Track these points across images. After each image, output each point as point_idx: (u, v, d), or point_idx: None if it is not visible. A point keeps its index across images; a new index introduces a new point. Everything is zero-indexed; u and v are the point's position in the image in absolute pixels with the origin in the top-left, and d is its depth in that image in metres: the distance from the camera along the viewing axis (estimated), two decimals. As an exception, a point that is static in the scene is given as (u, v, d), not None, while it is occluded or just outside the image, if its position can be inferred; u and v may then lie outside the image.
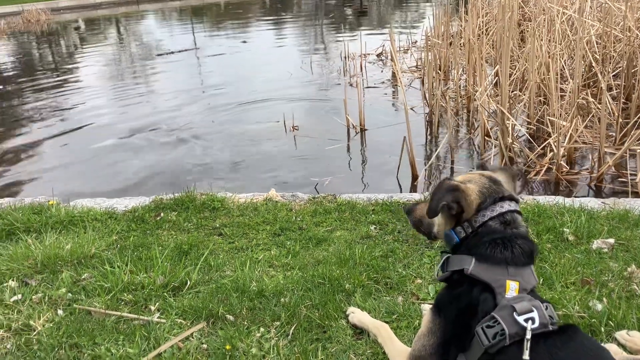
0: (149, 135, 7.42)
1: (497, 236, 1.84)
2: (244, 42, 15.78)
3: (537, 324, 1.66)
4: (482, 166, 2.08)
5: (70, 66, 14.31)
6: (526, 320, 1.66)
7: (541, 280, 2.75)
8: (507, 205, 1.88)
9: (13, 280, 3.03)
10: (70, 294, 2.88)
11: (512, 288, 1.76)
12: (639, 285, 2.69)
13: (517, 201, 1.91)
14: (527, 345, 1.62)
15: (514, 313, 1.68)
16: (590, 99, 5.89)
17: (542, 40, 6.29)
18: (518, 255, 1.80)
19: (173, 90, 10.09)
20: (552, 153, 5.24)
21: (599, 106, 5.28)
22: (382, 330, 2.34)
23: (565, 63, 6.62)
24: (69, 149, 7.17)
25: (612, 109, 5.80)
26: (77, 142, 7.41)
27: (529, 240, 1.85)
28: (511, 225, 1.86)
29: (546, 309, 1.73)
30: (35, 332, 2.58)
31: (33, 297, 2.86)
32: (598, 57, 6.75)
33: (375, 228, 3.57)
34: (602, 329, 2.34)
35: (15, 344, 2.51)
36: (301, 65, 11.23)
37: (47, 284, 3.00)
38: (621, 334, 2.27)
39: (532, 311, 1.69)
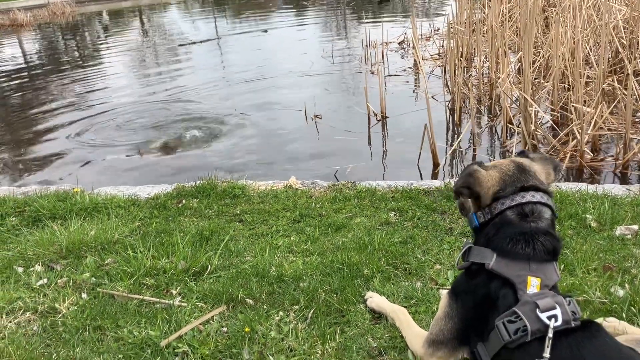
0: (170, 122, 7.50)
1: (517, 230, 1.82)
2: (265, 31, 15.80)
3: (559, 321, 1.64)
4: (522, 152, 2.03)
5: (94, 56, 14.51)
6: (549, 318, 1.64)
7: (562, 266, 2.72)
8: (529, 196, 1.84)
9: (39, 264, 3.10)
10: (94, 278, 2.94)
11: (533, 284, 1.74)
12: (663, 271, 2.64)
13: (545, 192, 1.87)
14: (548, 343, 1.60)
15: (537, 310, 1.67)
16: (616, 85, 5.77)
17: (566, 26, 6.17)
18: (539, 252, 1.78)
19: (194, 80, 10.17)
20: (575, 140, 5.16)
21: (625, 92, 5.17)
22: (400, 315, 2.35)
23: (590, 49, 6.49)
24: (91, 136, 7.26)
25: (638, 95, 5.68)
26: (98, 129, 7.51)
27: (553, 236, 1.82)
28: (530, 218, 1.82)
29: (569, 304, 1.71)
30: (60, 315, 2.64)
31: (58, 281, 2.93)
32: (625, 42, 6.61)
33: (394, 215, 3.57)
34: (624, 315, 2.31)
35: (42, 325, 2.58)
36: (322, 54, 11.20)
37: (72, 268, 3.07)
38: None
39: (555, 308, 1.67)
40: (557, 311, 1.67)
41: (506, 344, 1.69)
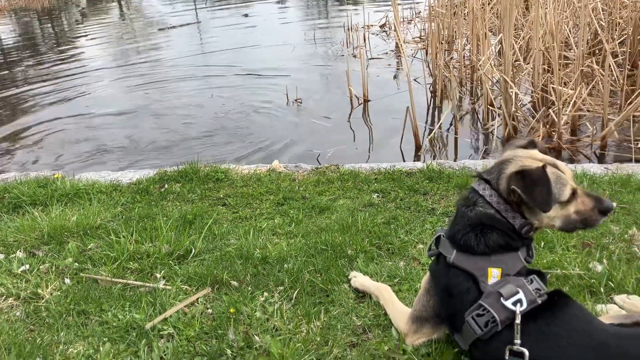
0: (151, 108, 7.43)
1: (463, 221, 1.90)
2: (246, 15, 15.65)
3: (525, 304, 1.69)
4: (532, 142, 2.00)
5: (72, 41, 14.26)
6: (514, 303, 1.69)
7: (542, 244, 2.77)
8: (475, 185, 1.91)
9: (20, 251, 3.07)
10: (77, 264, 2.92)
11: (494, 275, 1.79)
12: (640, 247, 2.71)
13: (486, 181, 1.88)
14: (517, 329, 1.66)
15: (501, 298, 1.71)
16: (595, 67, 5.84)
17: (546, 8, 6.20)
18: (493, 246, 1.83)
19: (174, 63, 10.10)
20: (554, 121, 5.21)
21: (603, 73, 5.23)
22: (384, 292, 2.37)
23: (570, 31, 6.54)
24: (71, 122, 7.16)
25: (617, 76, 5.75)
26: (78, 116, 7.40)
27: (489, 229, 1.84)
28: (468, 205, 1.90)
29: (531, 282, 1.75)
30: (43, 300, 2.62)
31: (40, 267, 2.91)
32: (604, 24, 6.67)
33: (377, 196, 3.59)
34: (602, 290, 2.36)
35: (25, 311, 2.56)
36: (304, 38, 11.15)
37: (54, 254, 3.04)
38: (621, 298, 2.29)
39: (518, 292, 1.71)
40: (521, 295, 1.71)
41: (480, 337, 1.74)
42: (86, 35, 14.49)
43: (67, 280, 2.78)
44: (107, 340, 2.31)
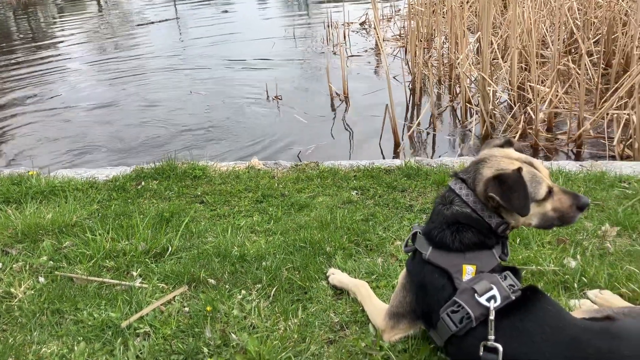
0: (128, 104, 7.35)
1: (439, 219, 1.91)
2: (225, 11, 15.56)
3: (499, 300, 1.71)
4: (508, 141, 2.02)
5: (48, 36, 14.03)
6: (489, 300, 1.71)
7: (518, 240, 2.80)
8: (452, 184, 1.93)
9: (-7, 249, 3.02)
10: (51, 262, 2.87)
11: (468, 272, 1.81)
12: (612, 243, 2.75)
13: (462, 180, 1.91)
14: (491, 325, 1.68)
15: (475, 295, 1.73)
16: (571, 65, 5.92)
17: (524, 7, 6.27)
18: (468, 244, 1.85)
19: (152, 60, 9.98)
20: (530, 118, 5.27)
21: (579, 71, 5.30)
22: (362, 289, 2.38)
23: (547, 30, 6.63)
24: (46, 119, 7.04)
25: (592, 75, 5.83)
26: (53, 112, 7.29)
27: (467, 227, 1.86)
28: (444, 204, 1.91)
29: (505, 279, 1.77)
30: (16, 300, 2.57)
31: (14, 265, 2.85)
32: (579, 23, 6.76)
33: (356, 193, 3.60)
34: (575, 285, 2.39)
35: (-4, 310, 2.51)
36: (284, 35, 11.12)
37: (28, 252, 2.99)
38: (594, 292, 2.33)
39: (492, 289, 1.73)
40: (495, 291, 1.73)
41: (455, 333, 1.75)
42: (63, 30, 14.26)
43: (42, 279, 2.73)
44: (82, 340, 2.28)
